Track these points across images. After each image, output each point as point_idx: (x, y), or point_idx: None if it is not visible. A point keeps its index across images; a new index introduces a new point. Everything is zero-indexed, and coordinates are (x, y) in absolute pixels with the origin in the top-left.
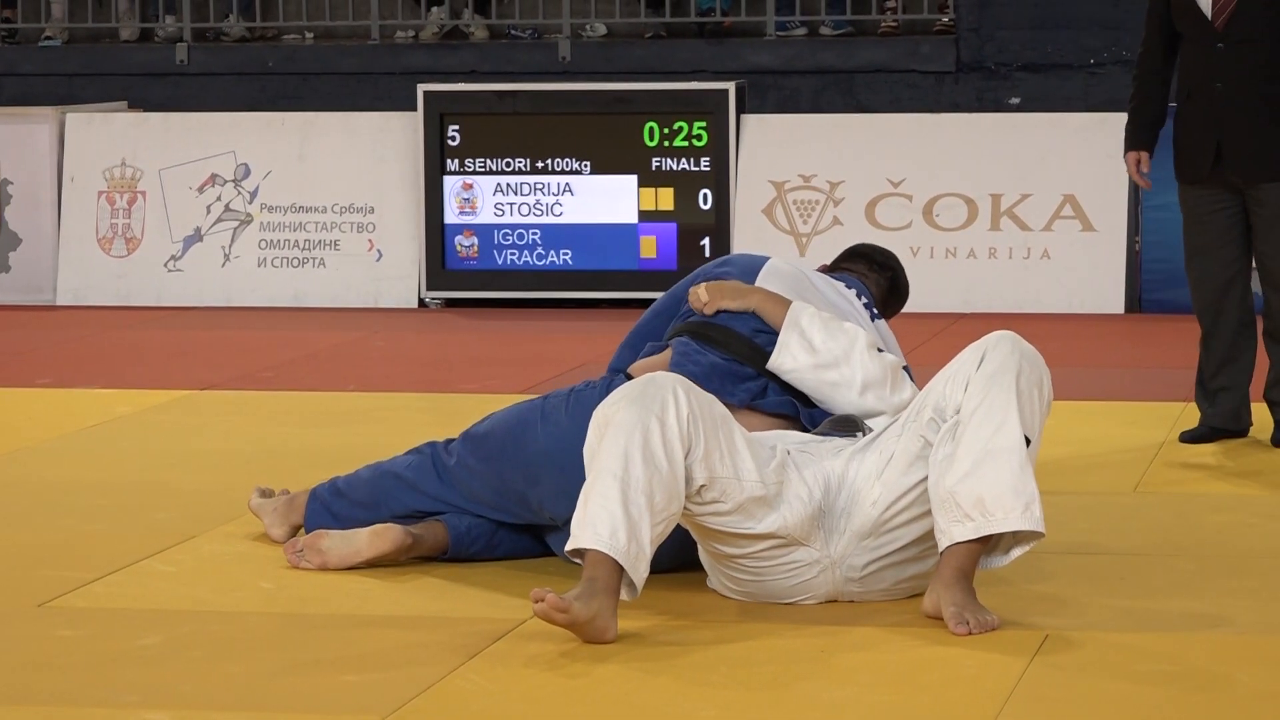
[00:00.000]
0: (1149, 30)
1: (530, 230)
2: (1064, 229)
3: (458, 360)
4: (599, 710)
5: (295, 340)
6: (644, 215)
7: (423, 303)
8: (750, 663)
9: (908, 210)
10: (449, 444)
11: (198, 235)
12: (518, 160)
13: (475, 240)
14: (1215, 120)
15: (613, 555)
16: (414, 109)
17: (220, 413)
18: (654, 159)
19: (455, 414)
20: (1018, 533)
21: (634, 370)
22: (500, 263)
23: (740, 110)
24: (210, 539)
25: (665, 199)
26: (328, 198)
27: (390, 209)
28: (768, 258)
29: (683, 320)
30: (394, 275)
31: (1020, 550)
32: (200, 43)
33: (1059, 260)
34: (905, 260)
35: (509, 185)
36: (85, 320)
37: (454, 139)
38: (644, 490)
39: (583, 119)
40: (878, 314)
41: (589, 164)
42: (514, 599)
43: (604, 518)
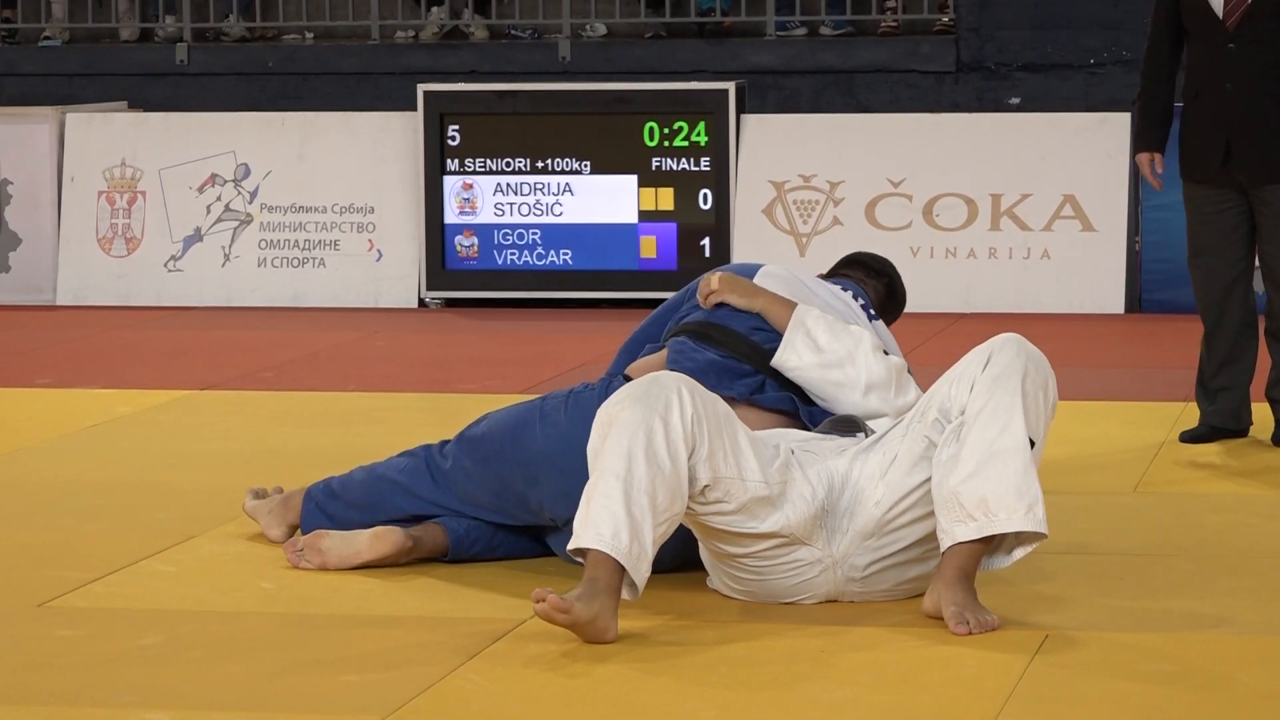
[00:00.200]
0: (1155, 27)
1: (530, 230)
2: (1064, 229)
3: (458, 360)
4: (599, 710)
5: (295, 340)
6: (644, 215)
7: (423, 303)
8: (751, 663)
9: (908, 210)
10: (443, 446)
11: (198, 235)
12: (518, 160)
13: (475, 240)
14: (1224, 120)
15: (614, 555)
16: (414, 109)
17: (220, 413)
18: (654, 159)
19: (455, 414)
20: (1020, 533)
21: (632, 371)
22: (500, 263)
23: (740, 110)
24: (210, 539)
25: (665, 199)
26: (328, 198)
27: (390, 209)
28: (761, 265)
29: (679, 323)
30: (394, 275)
31: (1023, 551)
32: (200, 43)
33: (1059, 260)
34: (905, 260)
35: (509, 185)
36: (85, 320)
37: (454, 139)
38: (647, 490)
39: (583, 119)
40: (875, 315)
41: (589, 164)
42: (514, 599)
43: (606, 518)
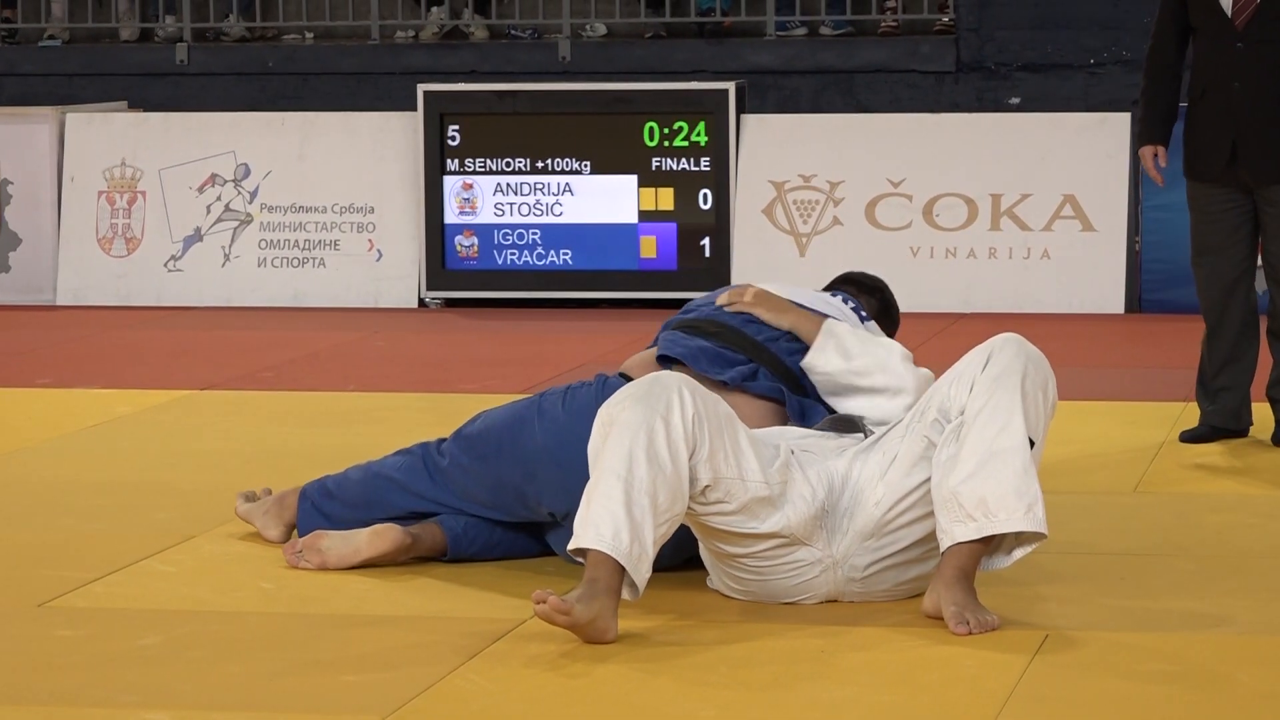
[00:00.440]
0: (1161, 24)
1: (530, 230)
2: (1064, 229)
3: (458, 360)
4: (599, 710)
5: (295, 340)
6: (644, 215)
7: (423, 303)
8: (751, 663)
9: (908, 210)
10: (440, 444)
11: (198, 235)
12: (518, 160)
13: (475, 240)
14: (1231, 119)
15: (615, 556)
16: (414, 109)
17: (220, 413)
18: (654, 159)
19: (455, 414)
20: (1020, 534)
21: (627, 367)
22: (500, 263)
23: (740, 110)
24: (210, 539)
25: (665, 199)
26: (328, 198)
27: (390, 209)
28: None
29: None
30: (394, 275)
31: (1022, 551)
32: (200, 43)
33: (1059, 260)
34: (905, 260)
35: (509, 185)
36: (85, 320)
37: (454, 139)
38: (647, 491)
39: (583, 119)
40: (866, 316)
41: (589, 164)
42: (514, 599)
43: (606, 518)
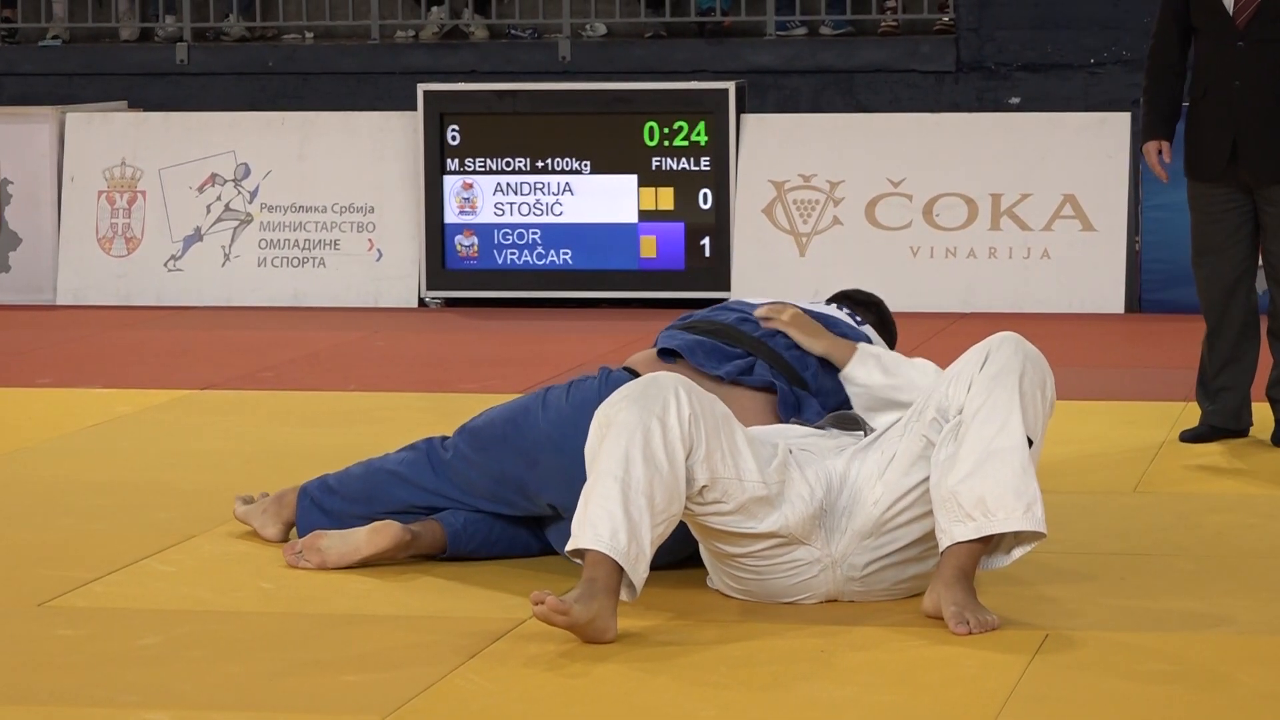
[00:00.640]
0: (1163, 23)
1: (530, 230)
2: (1064, 229)
3: (458, 360)
4: (599, 710)
5: (295, 340)
6: (644, 215)
7: (423, 302)
8: (750, 663)
9: (908, 210)
10: (444, 440)
11: (198, 235)
12: (518, 160)
13: (475, 240)
14: (1232, 119)
15: (613, 556)
16: (414, 109)
17: (220, 413)
18: (654, 159)
19: (455, 414)
20: (1019, 533)
21: (631, 363)
22: (500, 262)
23: (740, 110)
24: (210, 539)
25: (665, 199)
26: (328, 197)
27: (390, 209)
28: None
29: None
30: (394, 275)
31: (1021, 551)
32: (200, 43)
33: (1059, 260)
34: (905, 260)
35: (509, 185)
36: (85, 320)
37: (454, 139)
38: (644, 491)
39: (583, 119)
40: (862, 320)
41: (589, 164)
42: (514, 599)
43: (604, 518)
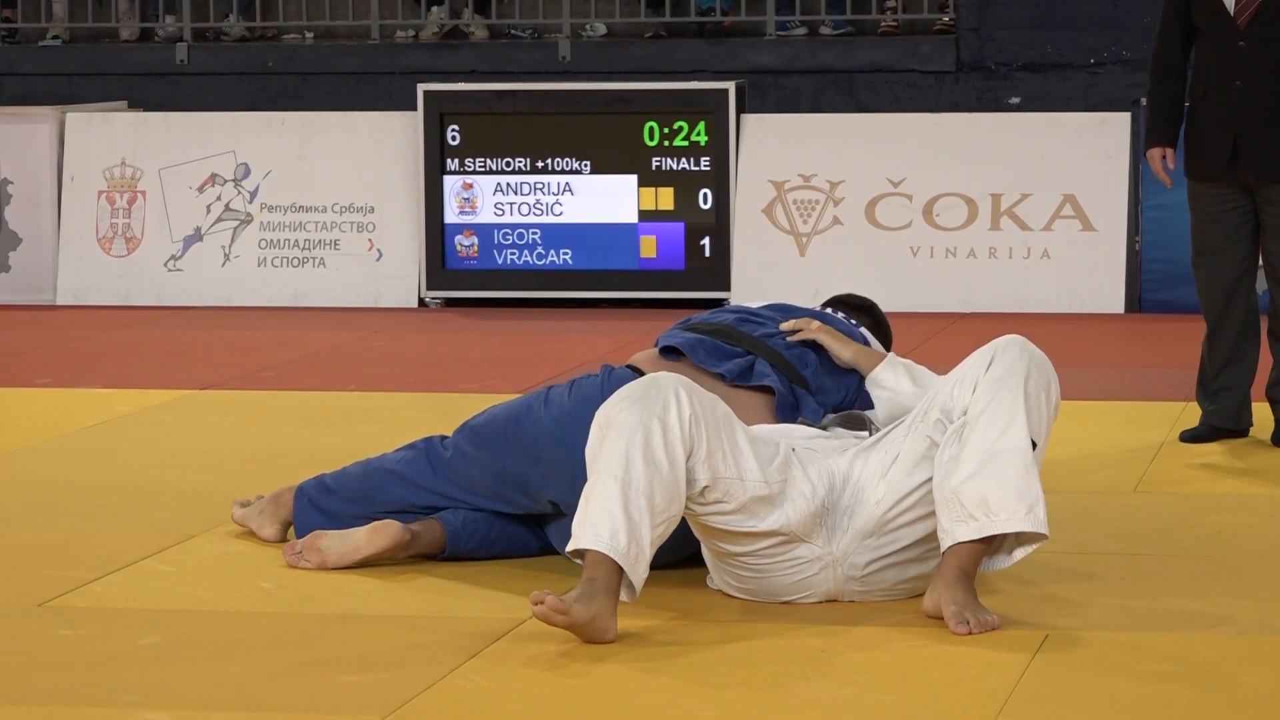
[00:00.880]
0: (1165, 23)
1: (530, 230)
2: (1064, 229)
3: (457, 360)
4: (599, 710)
5: (295, 340)
6: (644, 215)
7: (423, 302)
8: (750, 663)
9: (908, 210)
10: (444, 439)
11: (198, 235)
12: (518, 160)
13: (475, 240)
14: (1232, 119)
15: (613, 556)
16: (414, 109)
17: (220, 413)
18: (654, 159)
19: (455, 414)
20: (1021, 534)
21: (637, 360)
22: (500, 262)
23: (740, 110)
24: (210, 539)
25: (665, 199)
26: (328, 197)
27: (390, 209)
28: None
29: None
30: (394, 275)
31: (1023, 552)
32: (200, 43)
33: (1059, 260)
34: (905, 260)
35: (509, 185)
36: (85, 320)
37: (454, 139)
38: (644, 492)
39: (583, 119)
40: (857, 324)
41: (589, 164)
42: (514, 599)
43: (604, 519)
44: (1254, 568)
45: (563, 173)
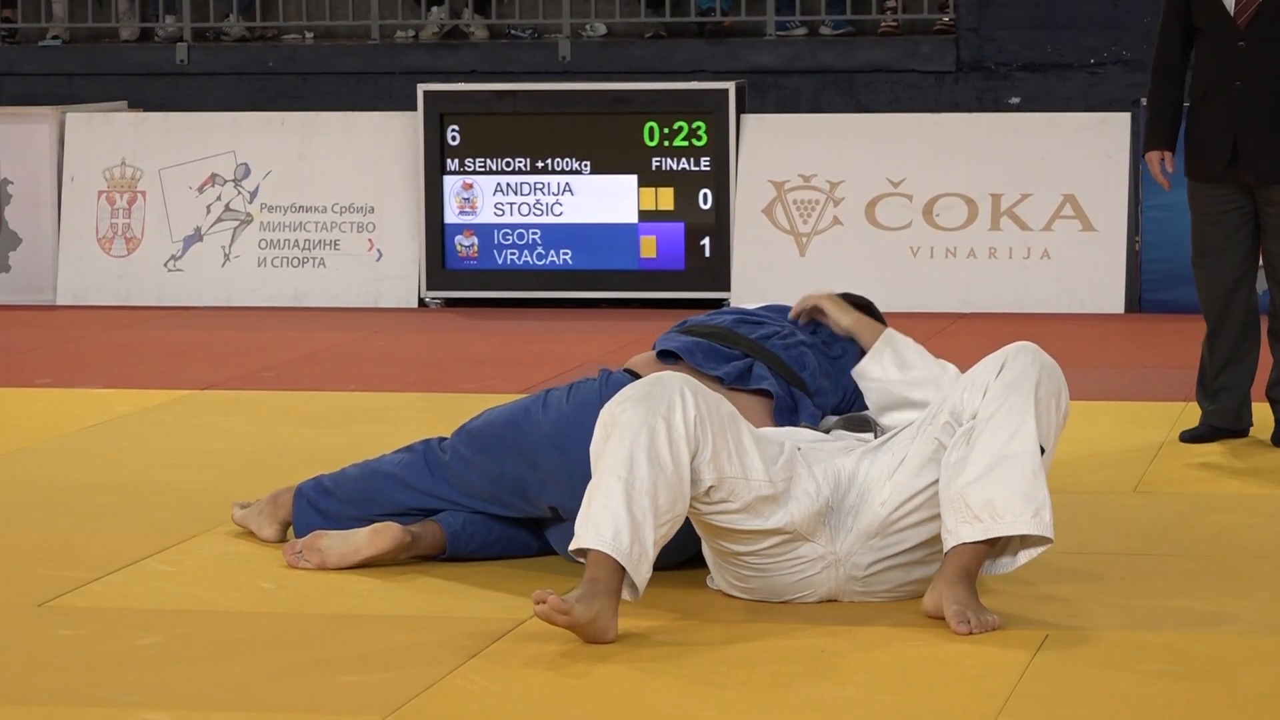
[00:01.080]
0: (1166, 24)
1: (530, 230)
2: (1064, 229)
3: (457, 360)
4: (599, 710)
5: (295, 340)
6: (644, 215)
7: (423, 303)
8: (751, 663)
9: (908, 210)
10: (441, 441)
11: (198, 235)
12: (518, 160)
13: (475, 240)
14: (1232, 119)
15: (615, 557)
16: (414, 109)
17: (220, 413)
18: (654, 159)
19: (455, 414)
20: (1026, 538)
21: (631, 364)
22: (500, 263)
23: (740, 110)
24: (210, 539)
25: (665, 199)
26: (328, 198)
27: (390, 209)
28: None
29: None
30: (394, 275)
31: (1028, 555)
32: (200, 43)
33: (1059, 260)
34: (905, 260)
35: (509, 185)
36: (85, 320)
37: (454, 139)
38: (648, 492)
39: (583, 119)
40: None
41: (589, 164)
42: (514, 599)
43: (607, 518)
44: (1254, 568)
45: (563, 173)
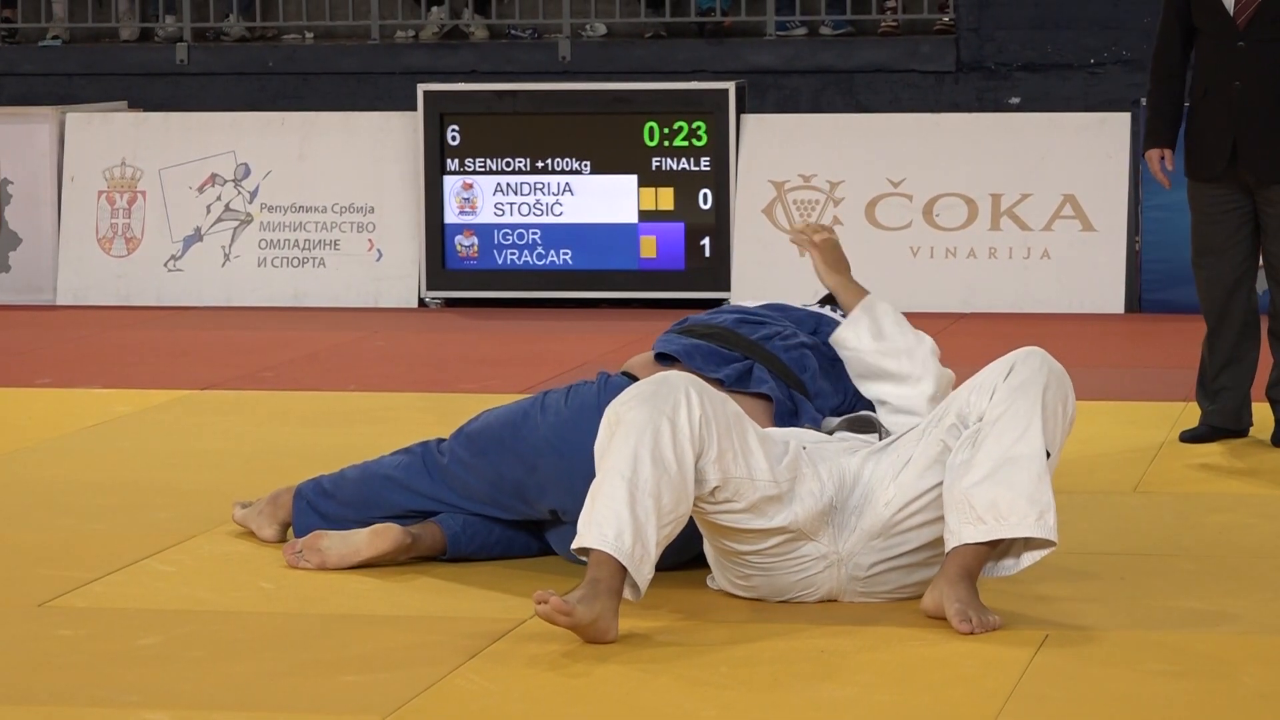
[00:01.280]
0: (1165, 24)
1: (530, 230)
2: (1064, 229)
3: (457, 360)
4: (600, 710)
5: (295, 340)
6: (644, 215)
7: (423, 303)
8: (751, 663)
9: (908, 210)
10: (440, 443)
11: (198, 235)
12: (518, 160)
13: (475, 240)
14: (1232, 119)
15: (617, 557)
16: (414, 109)
17: (220, 413)
18: (654, 159)
19: (455, 414)
20: (1029, 540)
21: (629, 367)
22: (500, 263)
23: (740, 110)
24: (210, 539)
25: (665, 199)
26: (328, 198)
27: (390, 209)
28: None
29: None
30: (394, 275)
31: (1031, 558)
32: (200, 43)
33: (1059, 260)
34: (905, 260)
35: (509, 185)
36: (85, 320)
37: (454, 139)
38: (651, 492)
39: (583, 119)
40: None
41: (589, 164)
42: (514, 599)
43: (610, 518)
44: (1254, 568)
45: (563, 173)
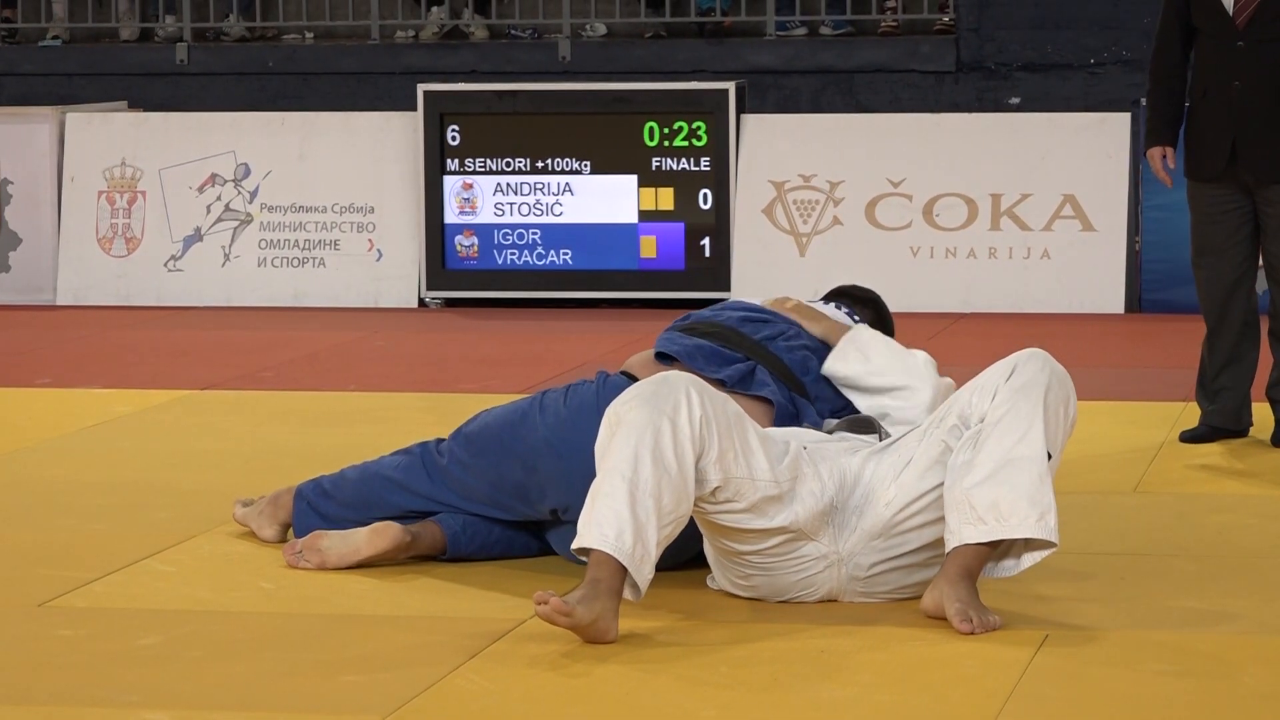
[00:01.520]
0: (1165, 24)
1: (530, 230)
2: (1064, 229)
3: (457, 360)
4: (600, 710)
5: (295, 340)
6: (644, 215)
7: (423, 303)
8: (751, 663)
9: (908, 210)
10: (439, 444)
11: (198, 235)
12: (518, 160)
13: (475, 240)
14: (1231, 119)
15: (617, 557)
16: (414, 109)
17: (220, 413)
18: (654, 159)
19: (455, 414)
20: (1029, 541)
21: (629, 367)
22: (500, 263)
23: (740, 110)
24: (210, 539)
25: (665, 199)
26: (328, 198)
27: (390, 209)
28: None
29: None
30: (394, 275)
31: (1031, 559)
32: (200, 43)
33: (1059, 260)
34: (905, 260)
35: (509, 185)
36: (85, 320)
37: (454, 139)
38: (652, 493)
39: (583, 119)
40: (860, 318)
41: (589, 164)
42: (514, 599)
43: (610, 518)
44: (1254, 568)
45: (563, 173)
